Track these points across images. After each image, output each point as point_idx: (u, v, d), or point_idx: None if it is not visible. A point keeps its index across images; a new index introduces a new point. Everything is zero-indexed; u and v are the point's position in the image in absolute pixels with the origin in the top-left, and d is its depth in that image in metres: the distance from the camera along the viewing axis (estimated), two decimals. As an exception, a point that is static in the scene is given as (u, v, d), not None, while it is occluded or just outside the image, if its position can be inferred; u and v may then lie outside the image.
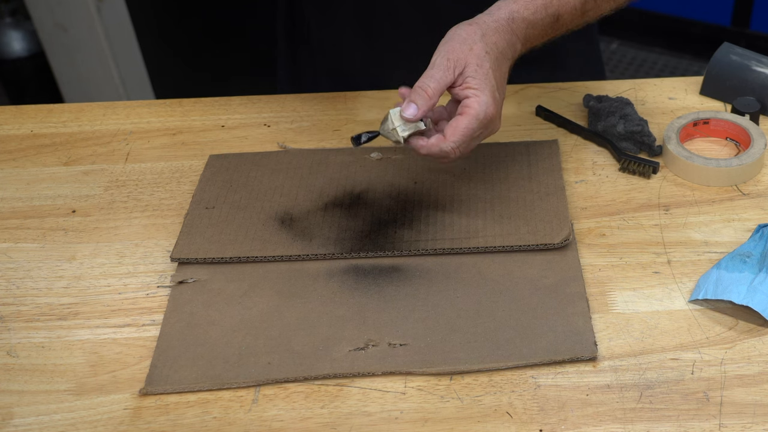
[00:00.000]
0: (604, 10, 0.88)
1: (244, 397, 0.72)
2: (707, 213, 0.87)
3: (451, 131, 0.77)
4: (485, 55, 0.78)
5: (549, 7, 0.82)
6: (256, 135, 1.03)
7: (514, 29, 0.81)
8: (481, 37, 0.78)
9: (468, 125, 0.77)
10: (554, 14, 0.82)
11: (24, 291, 0.83)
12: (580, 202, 0.89)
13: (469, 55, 0.77)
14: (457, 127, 0.77)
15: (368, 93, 1.08)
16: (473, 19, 0.80)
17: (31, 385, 0.74)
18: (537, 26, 0.82)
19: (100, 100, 1.34)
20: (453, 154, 0.78)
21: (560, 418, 0.68)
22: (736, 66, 1.01)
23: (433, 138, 0.79)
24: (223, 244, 0.85)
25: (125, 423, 0.70)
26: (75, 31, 2.14)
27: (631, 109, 0.97)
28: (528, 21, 0.81)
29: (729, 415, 0.68)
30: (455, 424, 0.68)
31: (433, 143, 0.78)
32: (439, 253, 0.83)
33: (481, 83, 0.77)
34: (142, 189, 0.95)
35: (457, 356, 0.73)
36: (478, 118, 0.77)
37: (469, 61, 0.77)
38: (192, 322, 0.78)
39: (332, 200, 0.90)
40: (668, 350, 0.73)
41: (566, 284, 0.79)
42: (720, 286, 0.76)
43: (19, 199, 0.95)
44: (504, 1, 0.82)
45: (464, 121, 0.77)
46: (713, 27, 2.67)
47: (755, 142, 0.92)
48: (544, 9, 0.82)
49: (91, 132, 1.05)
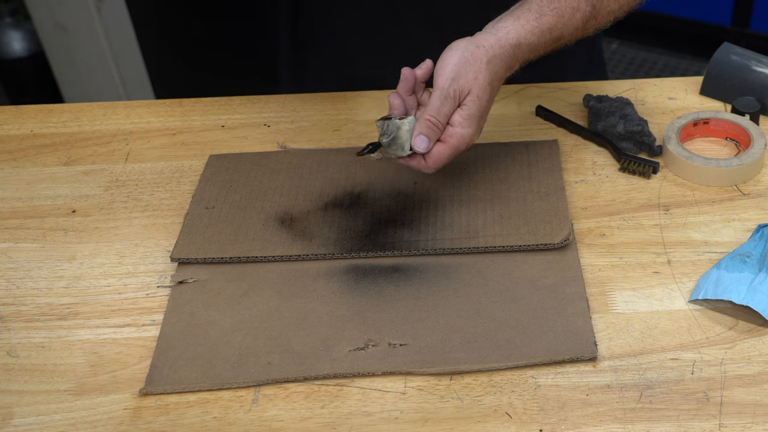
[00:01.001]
0: (604, 24, 0.88)
1: (244, 397, 0.72)
2: (707, 213, 0.87)
3: (434, 161, 0.80)
4: (487, 86, 0.79)
5: (553, 31, 0.82)
6: (256, 135, 1.03)
7: (518, 56, 0.81)
8: (487, 64, 0.79)
9: (450, 153, 0.80)
10: (557, 36, 0.83)
11: (24, 291, 0.83)
12: (580, 202, 0.89)
13: (473, 84, 0.79)
14: (440, 155, 0.80)
15: (368, 93, 1.08)
16: (479, 40, 0.80)
17: (31, 385, 0.74)
18: (539, 49, 0.83)
19: (100, 100, 1.34)
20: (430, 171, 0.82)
21: (560, 418, 0.68)
22: (736, 66, 1.01)
23: (414, 160, 0.81)
24: (223, 244, 0.85)
25: (125, 423, 0.70)
26: (75, 31, 2.14)
27: (631, 109, 0.97)
28: (532, 46, 0.82)
29: (729, 415, 0.68)
30: (455, 424, 0.68)
31: (413, 164, 0.82)
32: (439, 253, 0.83)
33: (472, 115, 0.79)
34: (142, 189, 0.95)
35: (457, 356, 0.73)
36: (459, 146, 0.80)
37: (471, 90, 0.79)
38: (192, 322, 0.78)
39: (332, 200, 0.90)
40: (668, 350, 0.73)
41: (566, 284, 0.79)
42: (720, 286, 0.76)
43: (19, 199, 0.95)
44: (511, 20, 0.81)
45: (446, 149, 0.80)
46: (713, 27, 2.67)
47: (755, 142, 0.92)
48: (549, 32, 0.82)
49: (91, 132, 1.05)
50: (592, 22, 0.85)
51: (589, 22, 0.85)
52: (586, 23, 0.84)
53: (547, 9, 0.81)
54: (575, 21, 0.83)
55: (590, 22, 0.85)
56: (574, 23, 0.83)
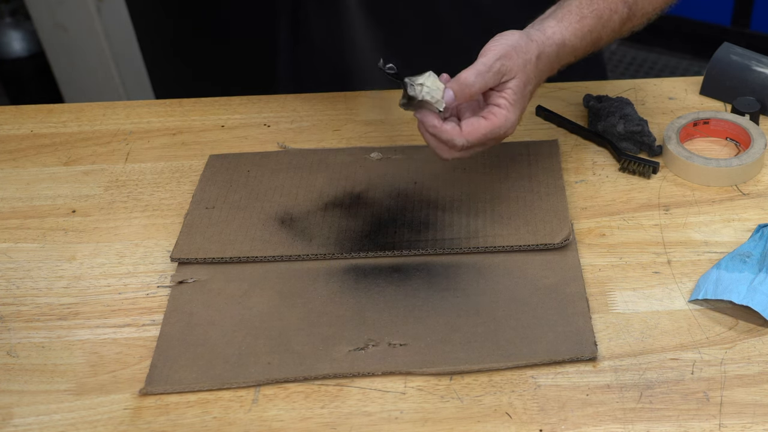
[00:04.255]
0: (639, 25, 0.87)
1: (244, 397, 0.72)
2: (707, 213, 0.87)
3: (471, 129, 0.76)
4: (533, 78, 0.77)
5: (593, 32, 0.81)
6: (256, 135, 1.03)
7: (561, 57, 0.80)
8: (536, 58, 0.77)
9: (487, 132, 0.76)
10: (596, 38, 0.82)
11: (24, 291, 0.83)
12: (580, 202, 0.89)
13: (521, 71, 0.76)
14: (477, 128, 0.76)
15: (368, 93, 1.08)
16: (531, 34, 0.78)
17: (31, 385, 0.74)
18: (579, 52, 0.82)
19: (100, 100, 1.34)
20: (457, 150, 0.77)
21: (560, 418, 0.68)
22: (736, 66, 1.01)
23: (449, 125, 0.76)
24: (223, 244, 0.85)
25: (125, 423, 0.70)
26: (75, 31, 2.14)
27: (631, 109, 0.97)
28: (574, 48, 0.81)
29: (729, 415, 0.68)
30: (455, 424, 0.68)
31: (447, 129, 0.76)
32: (439, 253, 0.83)
33: (516, 101, 0.76)
34: (142, 189, 0.95)
35: (457, 356, 0.73)
36: (499, 130, 0.76)
37: (518, 75, 0.76)
38: (192, 322, 0.78)
39: (332, 200, 0.90)
40: (668, 350, 0.73)
41: (566, 284, 0.79)
42: (720, 286, 0.76)
43: (19, 199, 0.95)
44: (554, 21, 0.80)
45: (486, 126, 0.76)
46: (713, 27, 2.67)
47: (755, 142, 0.92)
48: (589, 35, 0.81)
49: (91, 132, 1.05)
50: (628, 24, 0.85)
51: (626, 24, 0.84)
52: (623, 25, 0.84)
53: (587, 11, 0.80)
54: (613, 23, 0.82)
55: (626, 24, 0.85)
56: (611, 25, 0.82)
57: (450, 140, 0.76)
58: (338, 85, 1.11)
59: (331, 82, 1.14)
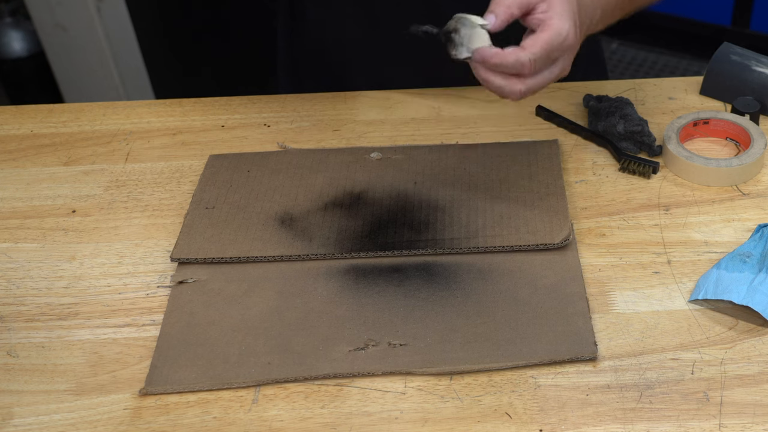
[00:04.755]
0: None
1: (244, 397, 0.72)
2: (707, 213, 0.87)
3: (531, 42, 0.70)
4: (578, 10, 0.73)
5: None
6: (256, 135, 1.03)
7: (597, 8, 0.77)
8: None
9: (548, 39, 0.70)
10: None
11: (24, 291, 0.83)
12: (580, 202, 0.89)
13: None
14: (536, 40, 0.70)
15: (368, 93, 1.08)
16: None
17: (31, 385, 0.74)
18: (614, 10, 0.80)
19: (100, 100, 1.34)
20: (526, 71, 0.72)
21: (560, 418, 0.68)
22: (736, 66, 1.01)
23: (509, 48, 0.71)
24: (223, 244, 0.85)
25: (125, 423, 0.70)
26: (75, 31, 2.14)
27: (631, 109, 0.97)
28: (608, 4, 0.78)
29: (729, 415, 0.68)
30: (455, 424, 0.68)
31: (509, 52, 0.71)
32: (439, 253, 0.83)
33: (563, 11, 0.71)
34: (142, 189, 0.95)
35: (457, 356, 0.73)
36: (560, 34, 0.71)
37: None
38: (192, 322, 0.78)
39: (332, 200, 0.90)
40: (668, 350, 0.73)
41: (566, 284, 0.79)
42: (720, 286, 0.76)
43: (19, 199, 0.95)
44: None
45: (545, 34, 0.70)
46: (713, 27, 2.67)
47: (755, 142, 0.92)
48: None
49: (91, 132, 1.05)
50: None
51: None
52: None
53: None
54: None
55: None
56: None
57: (516, 61, 0.71)
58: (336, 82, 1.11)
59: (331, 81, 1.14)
